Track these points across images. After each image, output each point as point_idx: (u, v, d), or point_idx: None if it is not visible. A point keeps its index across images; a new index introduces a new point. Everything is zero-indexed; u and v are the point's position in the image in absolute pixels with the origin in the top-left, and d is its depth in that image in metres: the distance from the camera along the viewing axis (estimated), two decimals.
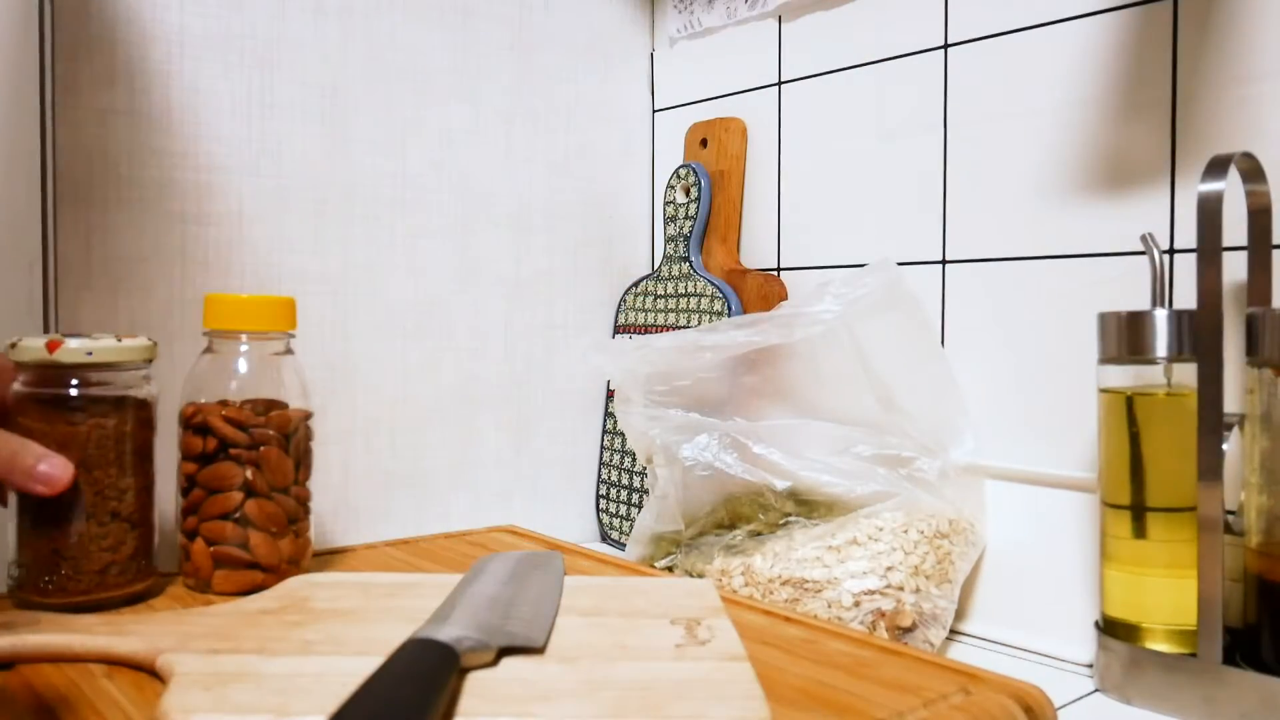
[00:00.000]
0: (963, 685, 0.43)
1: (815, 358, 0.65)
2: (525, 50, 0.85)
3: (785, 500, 0.65)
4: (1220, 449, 0.50)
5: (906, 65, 0.72)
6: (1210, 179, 0.50)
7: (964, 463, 0.65)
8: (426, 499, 0.80)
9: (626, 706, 0.38)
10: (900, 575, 0.58)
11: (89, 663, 0.45)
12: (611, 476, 0.89)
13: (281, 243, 0.72)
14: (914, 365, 0.67)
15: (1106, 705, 0.54)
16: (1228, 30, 0.56)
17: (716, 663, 0.42)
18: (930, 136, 0.70)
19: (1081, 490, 0.61)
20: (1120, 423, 0.56)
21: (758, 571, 0.61)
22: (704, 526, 0.67)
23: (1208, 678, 0.50)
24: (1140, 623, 0.54)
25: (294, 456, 0.58)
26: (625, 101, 0.92)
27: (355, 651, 0.43)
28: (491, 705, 0.37)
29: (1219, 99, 0.57)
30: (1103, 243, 0.61)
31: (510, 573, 0.55)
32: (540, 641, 0.44)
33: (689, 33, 0.89)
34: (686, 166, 0.86)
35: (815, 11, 0.78)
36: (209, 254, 0.69)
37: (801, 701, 0.41)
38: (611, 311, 0.92)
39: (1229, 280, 0.54)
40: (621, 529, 0.87)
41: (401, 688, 0.35)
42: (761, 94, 0.83)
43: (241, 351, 0.57)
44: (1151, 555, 0.54)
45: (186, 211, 0.68)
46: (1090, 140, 0.62)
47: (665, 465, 0.67)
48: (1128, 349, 0.55)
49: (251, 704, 0.37)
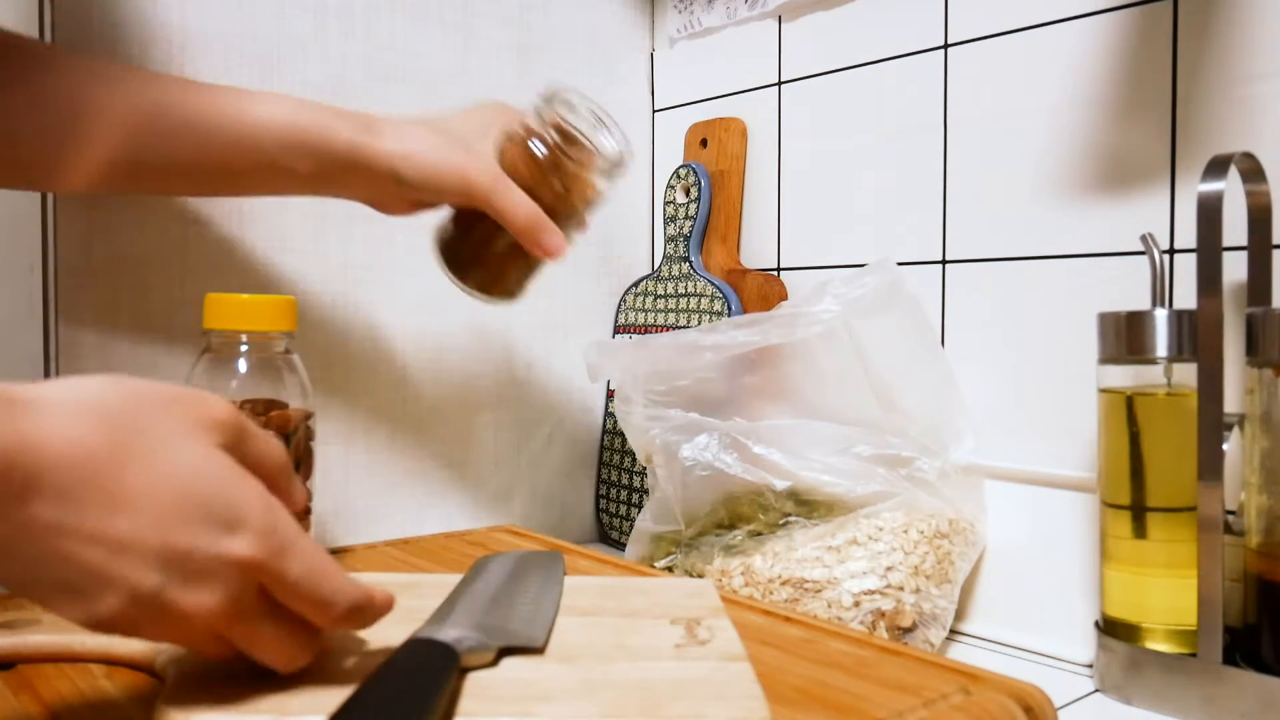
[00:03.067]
0: (963, 685, 0.43)
1: (815, 358, 0.65)
2: (525, 50, 0.85)
3: (785, 500, 0.65)
4: (1220, 449, 0.50)
5: (906, 65, 0.72)
6: (1210, 179, 0.50)
7: (964, 463, 0.65)
8: (426, 499, 0.80)
9: (626, 706, 0.38)
10: (900, 575, 0.58)
11: (89, 663, 0.45)
12: (611, 476, 0.89)
13: (281, 243, 0.72)
14: (914, 365, 0.67)
15: (1106, 705, 0.54)
16: (1228, 30, 0.56)
17: (716, 663, 0.42)
18: (930, 136, 0.70)
19: (1081, 490, 0.61)
20: (1120, 423, 0.56)
21: (758, 571, 0.61)
22: (704, 526, 0.67)
23: (1208, 678, 0.50)
24: (1140, 623, 0.54)
25: (294, 456, 0.58)
26: (625, 101, 0.92)
27: (355, 651, 0.43)
28: (491, 705, 0.37)
29: (1219, 99, 0.57)
30: (1103, 243, 0.61)
31: (510, 573, 0.55)
32: (540, 641, 0.44)
33: (689, 33, 0.89)
34: (686, 166, 0.86)
35: (815, 11, 0.78)
36: (209, 254, 0.69)
37: (801, 701, 0.41)
38: (611, 311, 0.92)
39: (1229, 280, 0.54)
40: (621, 529, 0.87)
41: (401, 688, 0.35)
42: (761, 94, 0.83)
43: (241, 351, 0.57)
44: (1151, 555, 0.54)
45: (186, 211, 0.68)
46: (1090, 140, 0.62)
47: (665, 465, 0.67)
48: (1128, 349, 0.55)
49: (251, 704, 0.37)
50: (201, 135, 0.54)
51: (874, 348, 0.66)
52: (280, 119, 0.55)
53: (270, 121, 0.55)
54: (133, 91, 0.54)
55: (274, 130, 0.55)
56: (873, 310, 0.65)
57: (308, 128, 0.55)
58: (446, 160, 0.56)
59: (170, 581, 0.33)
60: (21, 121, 0.52)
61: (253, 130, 0.55)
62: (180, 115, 0.54)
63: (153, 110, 0.54)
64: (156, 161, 0.55)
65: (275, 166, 0.56)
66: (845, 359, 0.65)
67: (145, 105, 0.54)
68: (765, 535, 0.65)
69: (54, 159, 0.54)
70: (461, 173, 0.56)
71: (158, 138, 0.54)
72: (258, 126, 0.55)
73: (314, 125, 0.56)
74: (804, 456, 0.64)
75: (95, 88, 0.53)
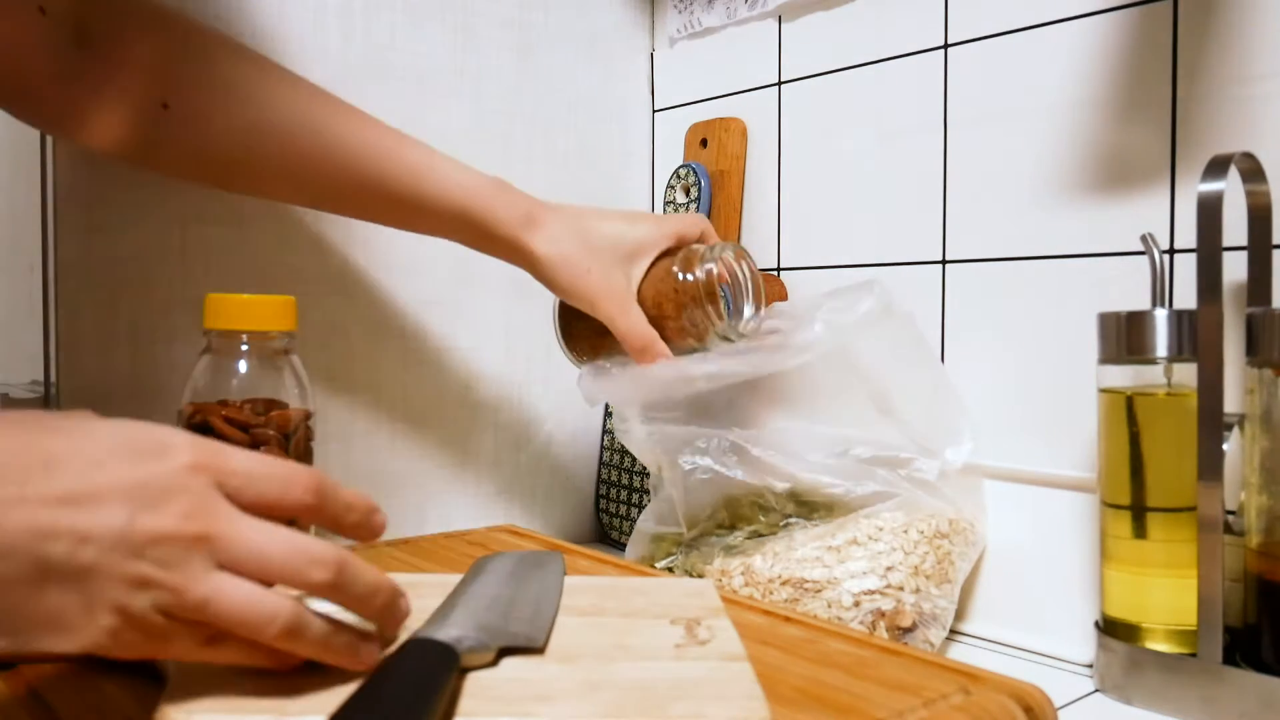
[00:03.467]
0: (963, 685, 0.43)
1: (812, 377, 0.66)
2: (525, 50, 0.85)
3: (785, 501, 0.65)
4: (1220, 449, 0.50)
5: (906, 65, 0.72)
6: (1210, 179, 0.50)
7: (963, 463, 0.65)
8: (426, 499, 0.80)
9: (626, 706, 0.38)
10: (900, 575, 0.58)
11: (89, 662, 0.44)
12: (611, 476, 0.89)
13: (281, 243, 0.72)
14: (909, 379, 0.66)
15: (1107, 705, 0.54)
16: (1228, 30, 0.56)
17: (716, 663, 0.42)
18: (930, 136, 0.70)
19: (1081, 490, 0.61)
20: (1120, 423, 0.56)
21: (757, 572, 0.61)
22: (704, 528, 0.67)
23: (1208, 678, 0.50)
24: (1140, 623, 0.54)
25: (294, 456, 0.58)
26: (625, 101, 0.92)
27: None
28: (491, 705, 0.37)
29: (1219, 99, 0.57)
30: (1103, 243, 0.61)
31: (510, 573, 0.55)
32: (540, 641, 0.44)
33: (689, 33, 0.89)
34: (686, 166, 0.86)
35: (815, 11, 0.78)
36: (209, 254, 0.69)
37: (801, 701, 0.41)
38: None
39: (1229, 280, 0.54)
40: (621, 529, 0.87)
41: (401, 688, 0.35)
42: (761, 94, 0.83)
43: (242, 351, 0.57)
44: (1151, 555, 0.54)
45: (186, 211, 0.68)
46: (1090, 140, 0.62)
47: (668, 470, 0.67)
48: (1128, 349, 0.55)
49: (251, 704, 0.37)
50: (380, 184, 0.61)
51: (869, 364, 0.66)
52: (454, 197, 0.62)
53: (443, 197, 0.62)
54: (330, 124, 0.60)
55: (447, 205, 0.62)
56: (865, 331, 0.64)
57: (479, 216, 0.62)
58: (584, 281, 0.63)
59: (136, 510, 0.33)
60: (216, 123, 0.58)
61: (430, 198, 0.62)
62: (371, 162, 0.61)
63: (346, 148, 0.60)
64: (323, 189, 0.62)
65: (437, 229, 0.64)
66: (841, 375, 0.65)
67: (330, 136, 0.60)
68: (765, 536, 0.65)
69: (239, 163, 0.60)
70: (592, 297, 0.64)
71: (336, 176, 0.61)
72: (432, 197, 0.62)
73: (484, 214, 0.62)
74: (804, 458, 0.64)
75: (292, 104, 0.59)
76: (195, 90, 0.57)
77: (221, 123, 0.58)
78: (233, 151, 0.59)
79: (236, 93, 0.57)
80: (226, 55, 0.59)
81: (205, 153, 0.59)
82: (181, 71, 0.57)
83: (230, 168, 0.60)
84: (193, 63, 0.57)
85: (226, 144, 0.58)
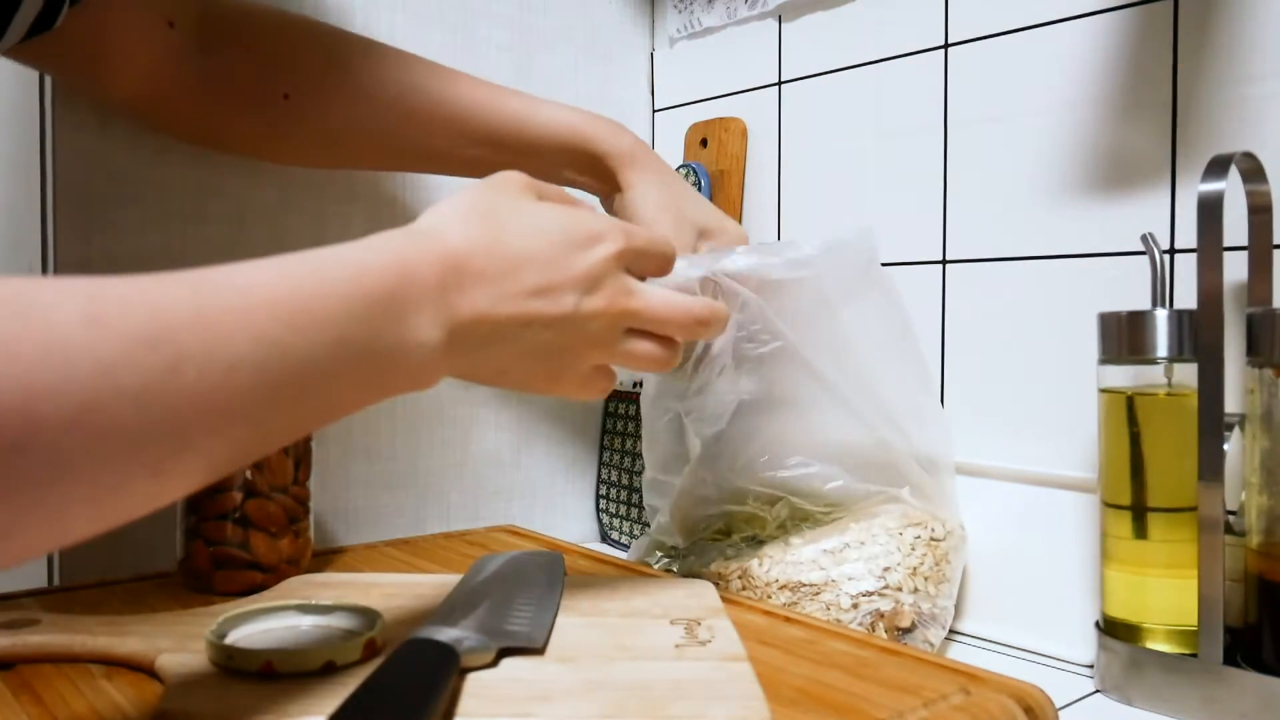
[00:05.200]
0: (963, 685, 0.43)
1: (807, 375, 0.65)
2: (525, 50, 0.85)
3: (781, 506, 0.65)
4: (1220, 449, 0.50)
5: (906, 65, 0.72)
6: (1210, 179, 0.50)
7: (961, 462, 0.65)
8: (426, 499, 0.80)
9: (626, 706, 0.38)
10: (898, 576, 0.58)
11: (89, 663, 0.44)
12: (611, 476, 0.89)
13: (281, 243, 0.72)
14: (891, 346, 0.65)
15: (1107, 705, 0.54)
16: (1228, 30, 0.56)
17: (716, 663, 0.42)
18: (930, 136, 0.70)
19: (1081, 490, 0.61)
20: (1120, 423, 0.56)
21: (755, 576, 0.60)
22: (701, 536, 0.67)
23: (1208, 678, 0.50)
24: (1141, 623, 0.54)
25: (293, 456, 0.58)
26: (625, 101, 0.92)
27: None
28: (491, 705, 0.37)
29: (1219, 99, 0.56)
30: (1103, 243, 0.61)
31: (510, 573, 0.55)
32: (540, 641, 0.44)
33: (689, 32, 0.89)
34: (686, 166, 0.86)
35: (815, 11, 0.78)
36: (209, 254, 0.69)
37: (801, 701, 0.40)
38: None
39: (1229, 280, 0.54)
40: (621, 529, 0.87)
41: (401, 688, 0.35)
42: (761, 94, 0.83)
43: None
44: (1152, 555, 0.54)
45: (186, 211, 0.68)
46: (1090, 140, 0.62)
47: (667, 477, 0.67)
48: (1128, 349, 0.55)
49: (251, 704, 0.37)
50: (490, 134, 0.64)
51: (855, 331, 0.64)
52: (560, 132, 0.64)
53: (549, 134, 0.64)
54: (435, 88, 0.63)
55: (552, 140, 0.64)
56: (849, 275, 0.63)
57: (584, 144, 0.64)
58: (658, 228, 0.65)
59: (581, 297, 0.44)
60: (335, 106, 0.62)
61: (536, 138, 0.64)
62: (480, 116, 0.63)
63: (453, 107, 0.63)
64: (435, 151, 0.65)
65: (548, 169, 0.64)
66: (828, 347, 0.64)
67: (447, 102, 0.63)
68: (762, 541, 0.64)
69: (358, 139, 0.64)
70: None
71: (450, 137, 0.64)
72: (538, 137, 0.64)
73: (590, 142, 0.64)
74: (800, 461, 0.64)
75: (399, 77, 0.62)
76: (312, 78, 0.61)
77: (339, 104, 0.62)
78: (352, 129, 0.63)
79: (350, 75, 0.61)
80: (334, 43, 0.63)
81: (327, 135, 0.63)
82: (297, 63, 0.61)
83: (350, 145, 0.64)
84: (305, 54, 0.61)
85: (345, 123, 0.63)
